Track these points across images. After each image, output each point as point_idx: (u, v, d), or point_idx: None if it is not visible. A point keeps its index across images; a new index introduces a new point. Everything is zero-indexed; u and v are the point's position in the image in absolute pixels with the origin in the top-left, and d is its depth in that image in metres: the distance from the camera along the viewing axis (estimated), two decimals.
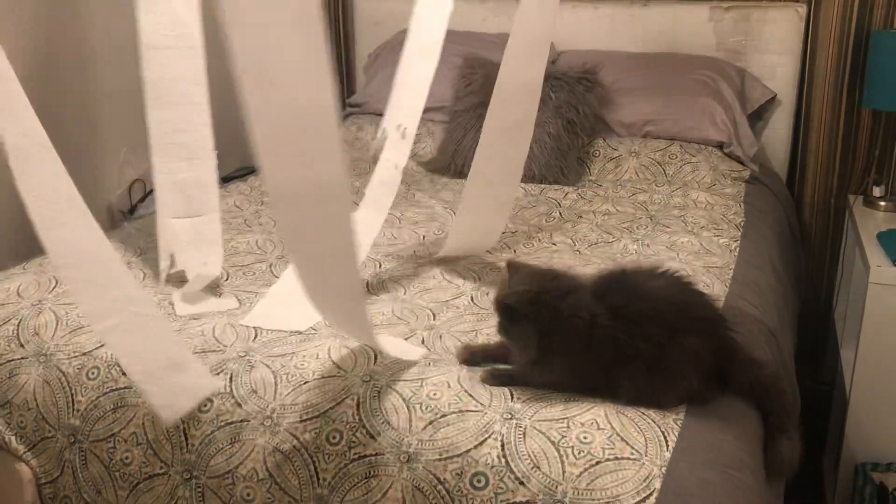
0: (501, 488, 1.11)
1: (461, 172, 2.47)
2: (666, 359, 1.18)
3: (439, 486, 1.14)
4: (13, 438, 1.43)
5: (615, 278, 1.26)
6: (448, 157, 2.53)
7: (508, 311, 1.20)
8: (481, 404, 1.21)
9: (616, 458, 1.11)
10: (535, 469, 1.11)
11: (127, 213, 2.51)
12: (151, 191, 2.54)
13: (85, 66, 2.45)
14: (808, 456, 1.26)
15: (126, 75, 2.59)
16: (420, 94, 1.83)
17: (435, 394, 1.23)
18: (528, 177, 2.40)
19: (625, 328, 1.17)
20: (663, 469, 1.10)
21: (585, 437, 1.14)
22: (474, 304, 1.57)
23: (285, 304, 1.51)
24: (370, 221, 1.82)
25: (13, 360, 1.46)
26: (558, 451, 1.13)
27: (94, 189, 2.53)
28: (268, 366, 1.33)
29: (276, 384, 1.30)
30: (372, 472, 1.19)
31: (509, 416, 1.18)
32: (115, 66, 2.56)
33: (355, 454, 1.20)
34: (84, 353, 1.42)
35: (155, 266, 1.75)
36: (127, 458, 1.34)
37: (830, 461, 2.27)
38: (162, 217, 1.75)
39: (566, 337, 1.17)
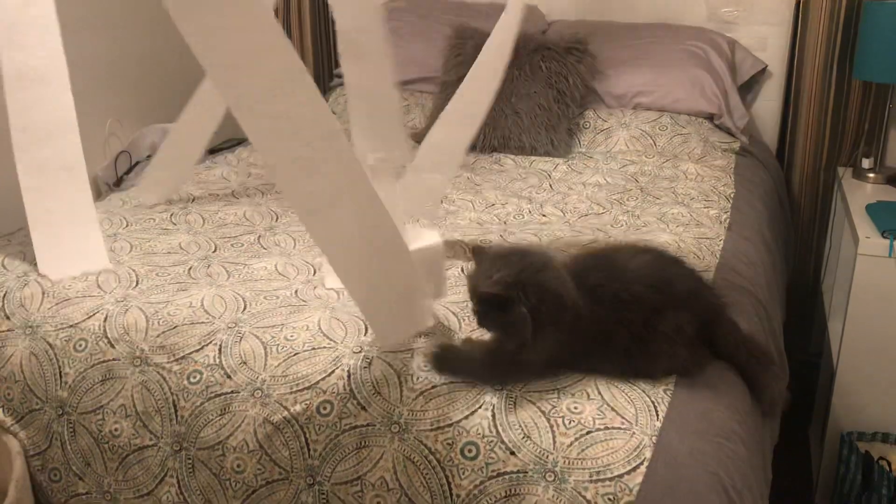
0: (492, 458, 1.11)
1: None
2: (645, 342, 1.18)
3: (430, 457, 1.15)
4: (0, 411, 1.42)
5: (596, 260, 1.25)
6: None
7: (495, 301, 1.12)
8: None
9: (606, 428, 1.12)
10: (525, 439, 1.12)
11: (113, 185, 2.49)
12: (138, 162, 2.52)
13: (68, 36, 2.41)
14: (795, 426, 1.27)
15: (110, 45, 2.56)
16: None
17: (426, 366, 1.23)
18: (518, 148, 2.39)
19: (604, 314, 1.16)
20: (654, 438, 1.10)
21: (576, 408, 1.14)
22: (464, 274, 1.57)
23: None
24: None
25: None
26: (549, 420, 1.13)
27: None
28: (257, 337, 1.32)
29: (265, 355, 1.29)
30: (363, 443, 1.19)
31: (500, 387, 1.18)
32: (99, 35, 2.52)
33: (346, 425, 1.20)
34: (71, 326, 1.41)
35: (142, 238, 1.74)
36: (116, 430, 1.34)
37: (816, 431, 2.29)
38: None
39: (555, 308, 1.14)
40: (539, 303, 1.11)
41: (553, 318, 1.15)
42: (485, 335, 1.26)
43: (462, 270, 1.58)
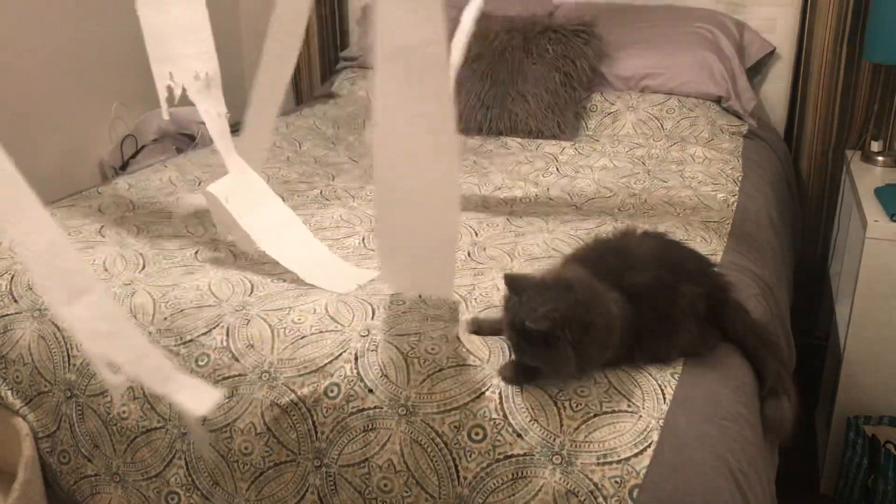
0: (499, 441, 1.12)
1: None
2: (667, 322, 1.18)
3: (437, 439, 1.15)
4: (9, 393, 1.43)
5: (607, 252, 1.24)
6: None
7: (541, 337, 1.08)
8: (479, 359, 1.21)
9: (613, 412, 1.12)
10: (532, 422, 1.12)
11: (119, 169, 2.49)
12: (144, 146, 2.52)
13: (73, 20, 2.41)
14: (802, 410, 1.27)
15: (116, 28, 2.55)
16: (205, 36, 1.57)
17: (433, 348, 1.23)
18: (525, 131, 2.39)
19: (634, 307, 1.16)
20: (660, 422, 1.10)
21: (582, 391, 1.14)
22: (471, 258, 1.57)
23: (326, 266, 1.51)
24: (246, 174, 1.61)
25: (7, 315, 1.45)
26: (556, 404, 1.13)
27: (85, 145, 2.50)
28: (264, 320, 1.32)
29: (273, 338, 1.29)
30: (370, 426, 1.19)
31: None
32: (105, 19, 2.51)
33: (353, 408, 1.20)
34: None
35: (149, 221, 1.74)
36: (124, 412, 1.34)
37: (823, 415, 2.29)
38: None
39: (600, 342, 1.12)
40: (585, 339, 1.09)
41: (598, 350, 1.13)
42: (490, 314, 1.28)
43: (468, 255, 1.58)
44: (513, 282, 1.14)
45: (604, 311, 1.12)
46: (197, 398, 1.14)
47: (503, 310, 1.16)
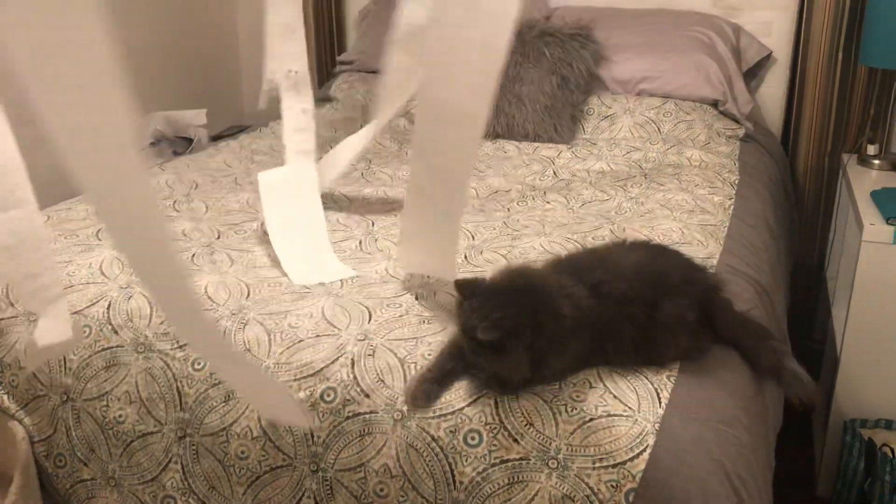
0: (495, 445, 1.12)
1: None
2: (650, 334, 1.18)
3: (433, 444, 1.15)
4: (5, 397, 1.42)
5: (595, 260, 1.25)
6: None
7: (491, 345, 1.09)
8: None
9: (609, 415, 1.12)
10: (528, 426, 1.12)
11: None
12: (141, 149, 2.52)
13: None
14: (798, 413, 1.27)
15: (115, 31, 2.55)
16: (300, 36, 1.81)
17: (429, 353, 1.23)
18: (522, 135, 2.39)
19: (612, 309, 1.16)
20: (656, 426, 1.10)
21: (578, 395, 1.14)
22: (468, 262, 1.57)
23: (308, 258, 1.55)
24: (303, 170, 1.81)
25: (3, 318, 1.45)
26: (551, 408, 1.13)
27: None
28: (261, 324, 1.32)
29: (269, 342, 1.29)
30: (366, 430, 1.19)
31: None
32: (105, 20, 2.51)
33: (350, 412, 1.20)
34: (75, 312, 1.41)
35: None
36: (120, 416, 1.34)
37: (820, 418, 2.29)
38: None
39: (555, 342, 1.12)
40: (537, 342, 1.10)
41: (554, 349, 1.13)
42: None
43: (465, 259, 1.58)
44: (462, 287, 1.15)
45: (554, 312, 1.12)
46: (52, 330, 1.22)
47: (456, 315, 1.17)
